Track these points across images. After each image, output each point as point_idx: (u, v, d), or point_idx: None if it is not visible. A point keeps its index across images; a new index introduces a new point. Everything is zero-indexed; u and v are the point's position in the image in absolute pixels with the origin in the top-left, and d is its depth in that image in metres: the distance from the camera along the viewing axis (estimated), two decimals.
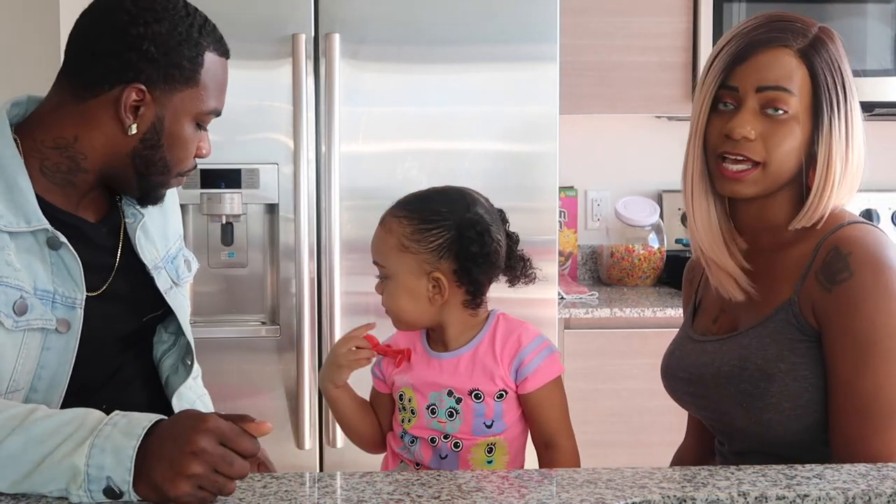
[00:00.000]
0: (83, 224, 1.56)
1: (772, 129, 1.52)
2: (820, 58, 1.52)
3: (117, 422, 1.26)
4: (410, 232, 1.56)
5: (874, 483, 1.31)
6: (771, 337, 1.53)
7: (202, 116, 1.57)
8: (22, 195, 1.47)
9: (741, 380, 1.54)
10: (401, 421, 1.61)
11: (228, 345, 1.95)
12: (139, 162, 1.54)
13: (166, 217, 1.73)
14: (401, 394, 1.61)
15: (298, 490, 1.32)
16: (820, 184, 1.52)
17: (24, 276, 1.47)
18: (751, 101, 1.52)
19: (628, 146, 3.60)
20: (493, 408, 1.57)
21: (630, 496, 1.26)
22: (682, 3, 3.19)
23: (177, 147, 1.55)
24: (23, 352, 1.48)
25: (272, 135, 2.67)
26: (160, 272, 1.66)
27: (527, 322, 1.63)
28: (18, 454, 1.25)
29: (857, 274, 1.46)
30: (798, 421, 1.52)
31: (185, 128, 1.55)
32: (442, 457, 1.57)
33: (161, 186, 1.60)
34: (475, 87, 2.72)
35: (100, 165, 1.54)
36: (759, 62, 1.53)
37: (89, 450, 1.22)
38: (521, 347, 1.58)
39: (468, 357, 1.58)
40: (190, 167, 1.60)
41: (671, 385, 1.70)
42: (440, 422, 1.57)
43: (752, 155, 1.52)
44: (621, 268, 3.46)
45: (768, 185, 1.54)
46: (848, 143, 1.53)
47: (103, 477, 1.21)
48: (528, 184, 2.75)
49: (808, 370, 1.51)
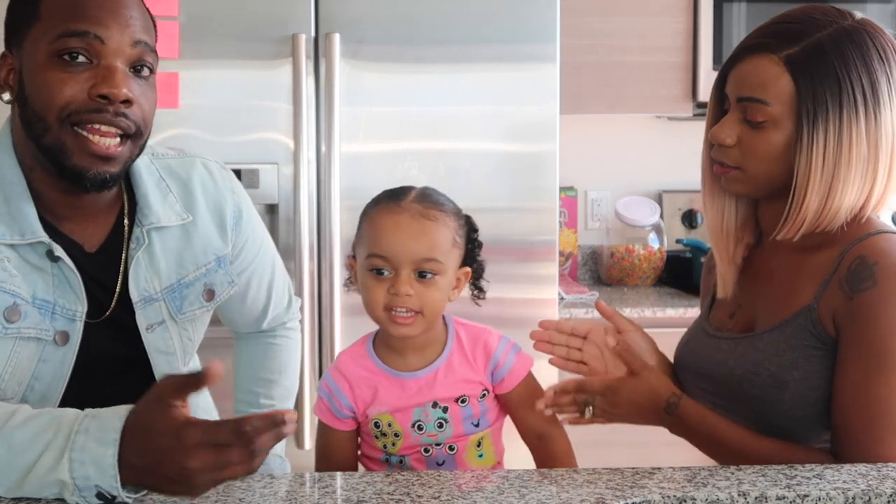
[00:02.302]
0: (78, 254, 1.50)
1: (749, 135, 1.52)
2: (809, 64, 1.47)
3: (87, 427, 1.23)
4: (457, 227, 1.55)
5: (874, 483, 1.31)
6: (787, 342, 1.52)
7: (57, 45, 1.39)
8: (18, 208, 1.45)
9: (753, 385, 1.54)
10: (381, 447, 1.57)
11: (229, 344, 1.95)
12: (27, 129, 1.43)
13: (190, 239, 1.60)
14: (375, 422, 1.56)
15: (298, 490, 1.32)
16: (798, 195, 1.50)
17: (20, 284, 1.44)
18: (734, 109, 1.54)
19: (628, 146, 3.60)
20: (479, 407, 1.57)
21: (630, 496, 1.26)
22: (682, 3, 3.19)
23: (37, 90, 1.40)
24: (13, 360, 1.45)
25: (272, 135, 2.67)
26: (151, 305, 1.55)
27: (480, 324, 1.63)
28: (4, 463, 1.25)
29: (881, 283, 1.45)
30: (807, 428, 1.52)
31: (41, 66, 1.40)
32: (439, 463, 1.57)
33: (58, 150, 1.41)
34: (475, 87, 2.72)
35: (27, 151, 1.45)
36: (743, 70, 1.53)
37: (69, 464, 1.21)
38: (492, 351, 1.58)
39: (444, 369, 1.57)
40: (72, 109, 1.39)
41: (684, 377, 1.71)
42: (430, 435, 1.55)
43: (726, 160, 1.55)
44: (621, 268, 3.46)
45: (756, 187, 1.55)
46: (843, 155, 1.47)
47: (92, 486, 1.21)
48: (528, 184, 2.74)
49: (822, 379, 1.50)
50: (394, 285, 1.50)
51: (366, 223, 1.56)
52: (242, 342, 1.91)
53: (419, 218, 1.51)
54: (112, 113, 1.40)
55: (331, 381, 1.58)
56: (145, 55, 1.44)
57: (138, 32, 1.43)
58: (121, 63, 1.41)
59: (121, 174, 1.46)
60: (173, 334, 1.60)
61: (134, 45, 1.43)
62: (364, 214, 1.58)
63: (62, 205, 1.49)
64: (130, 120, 1.42)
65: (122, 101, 1.40)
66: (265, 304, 1.83)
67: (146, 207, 1.55)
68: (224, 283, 1.66)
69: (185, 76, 2.62)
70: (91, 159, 1.41)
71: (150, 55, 1.46)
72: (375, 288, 1.52)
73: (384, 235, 1.51)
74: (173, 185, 1.60)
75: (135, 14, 1.44)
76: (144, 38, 1.44)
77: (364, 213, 1.58)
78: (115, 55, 1.41)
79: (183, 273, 1.60)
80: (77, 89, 1.39)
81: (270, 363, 1.88)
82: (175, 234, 1.59)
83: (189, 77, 2.62)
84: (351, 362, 1.59)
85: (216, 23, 2.64)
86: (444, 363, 1.57)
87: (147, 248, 1.55)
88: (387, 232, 1.51)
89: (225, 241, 1.66)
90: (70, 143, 1.40)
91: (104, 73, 1.40)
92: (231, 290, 1.68)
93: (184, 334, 1.62)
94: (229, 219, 1.66)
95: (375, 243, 1.52)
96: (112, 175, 1.44)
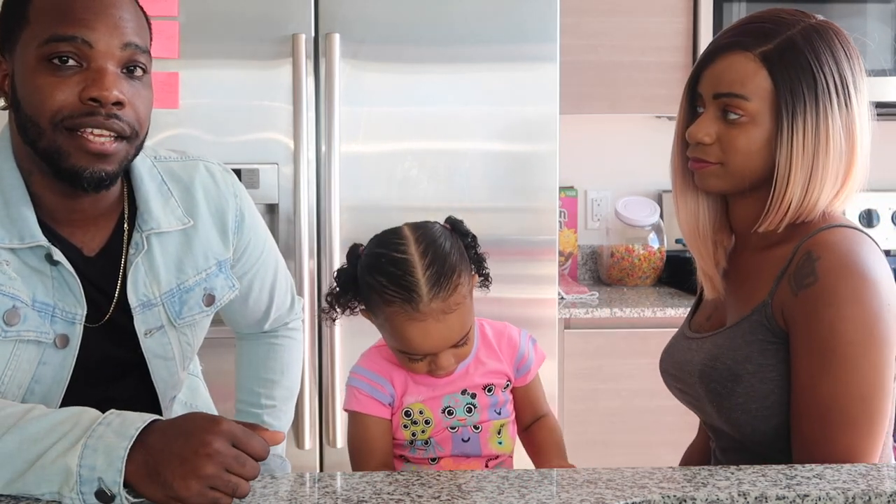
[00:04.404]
0: (77, 258, 1.49)
1: (728, 132, 1.54)
2: (784, 60, 1.51)
3: (111, 421, 1.24)
4: (467, 275, 1.51)
5: (874, 483, 1.31)
6: (743, 338, 1.54)
7: (46, 50, 1.38)
8: (18, 212, 1.45)
9: (711, 379, 1.56)
10: (410, 435, 1.58)
11: (229, 344, 1.95)
12: (22, 134, 1.43)
13: (191, 243, 1.60)
14: (406, 410, 1.57)
15: (298, 490, 1.32)
16: (780, 187, 1.52)
17: (20, 287, 1.44)
18: (710, 107, 1.56)
19: (628, 146, 3.60)
20: (503, 397, 1.61)
21: (630, 496, 1.26)
22: (682, 3, 3.19)
23: (29, 95, 1.40)
24: (13, 363, 1.45)
25: (272, 135, 2.67)
26: (149, 310, 1.55)
27: (499, 320, 1.66)
28: (13, 453, 1.24)
29: (821, 279, 1.45)
30: (765, 422, 1.52)
31: (32, 71, 1.39)
32: (464, 440, 1.58)
33: (55, 153, 1.40)
34: (475, 87, 2.72)
35: (25, 155, 1.45)
36: (718, 68, 1.55)
37: (82, 450, 1.21)
38: (517, 346, 1.63)
39: (473, 364, 1.59)
40: (65, 114, 1.39)
41: (665, 380, 1.74)
42: (460, 419, 1.58)
43: (707, 157, 1.56)
44: (621, 268, 3.46)
45: (735, 183, 1.56)
46: (820, 146, 1.51)
47: (95, 478, 1.20)
48: (528, 184, 2.75)
49: (776, 372, 1.51)
50: (435, 363, 1.52)
51: (387, 322, 1.50)
52: (244, 342, 1.91)
53: (442, 316, 1.47)
54: (104, 115, 1.40)
55: (366, 372, 1.58)
56: (136, 56, 1.43)
57: (128, 34, 1.42)
58: (111, 65, 1.41)
59: (117, 173, 1.46)
60: (172, 339, 1.60)
61: (124, 46, 1.42)
62: (378, 306, 1.50)
63: (61, 208, 1.48)
64: (124, 122, 1.41)
65: (114, 103, 1.40)
66: (267, 305, 1.83)
67: (146, 212, 1.55)
68: (225, 288, 1.66)
69: (185, 76, 2.62)
70: (87, 158, 1.41)
71: (142, 55, 1.44)
72: (415, 365, 1.53)
73: (414, 342, 1.49)
74: (175, 189, 1.60)
75: (125, 15, 1.43)
76: (135, 39, 1.43)
77: (377, 303, 1.50)
78: (104, 58, 1.40)
79: (183, 278, 1.59)
80: (68, 93, 1.39)
81: (272, 363, 1.88)
82: (175, 238, 1.58)
83: (189, 77, 2.62)
84: (380, 357, 1.60)
85: (216, 23, 2.64)
86: (472, 359, 1.59)
87: (146, 254, 1.55)
88: (417, 340, 1.49)
89: (226, 245, 1.66)
90: (65, 145, 1.40)
91: (94, 77, 1.39)
92: (232, 295, 1.68)
93: (183, 339, 1.62)
94: (231, 223, 1.66)
95: (407, 346, 1.50)
96: (108, 173, 1.43)
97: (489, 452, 1.59)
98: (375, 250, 1.52)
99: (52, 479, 1.22)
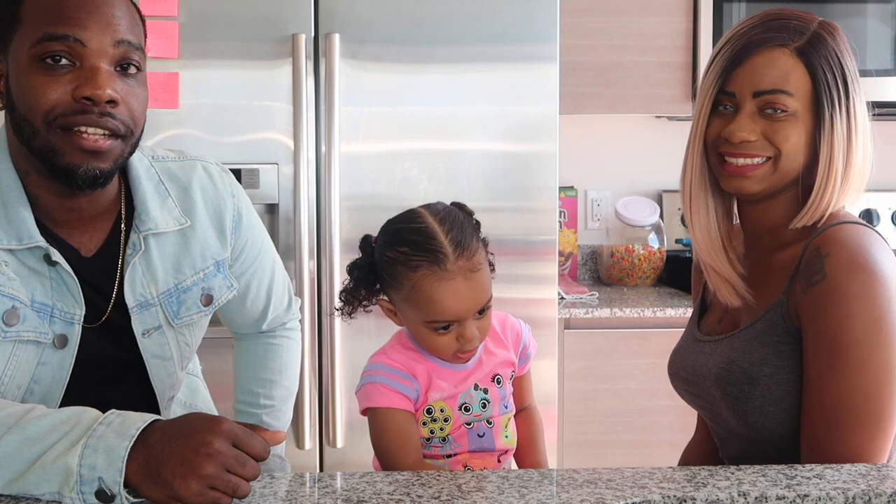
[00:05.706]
0: (74, 259, 1.50)
1: (774, 126, 1.52)
2: (818, 55, 1.51)
3: (112, 421, 1.24)
4: (484, 246, 1.56)
5: (874, 483, 1.31)
6: (759, 339, 1.52)
7: (39, 49, 1.38)
8: (16, 213, 1.45)
9: (728, 382, 1.55)
10: (428, 432, 1.57)
11: (228, 343, 1.95)
12: (18, 134, 1.43)
13: (188, 244, 1.60)
14: (428, 408, 1.57)
15: (298, 490, 1.32)
16: (822, 182, 1.51)
17: (19, 287, 1.44)
18: (748, 105, 1.53)
19: (628, 146, 3.60)
20: (508, 388, 1.63)
21: (630, 496, 1.26)
22: (682, 3, 3.19)
23: (23, 95, 1.40)
24: (12, 363, 1.45)
25: (272, 135, 2.67)
26: (147, 310, 1.55)
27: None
28: (14, 452, 1.24)
29: (830, 276, 1.44)
30: (783, 425, 1.51)
31: (25, 70, 1.39)
32: (479, 435, 1.59)
33: (50, 152, 1.40)
34: (475, 87, 2.72)
35: (22, 155, 1.46)
36: (755, 65, 1.52)
37: (82, 450, 1.21)
38: (520, 334, 1.67)
39: (485, 354, 1.61)
40: (58, 112, 1.39)
41: (675, 384, 1.72)
42: (475, 415, 1.58)
43: (758, 152, 1.52)
44: (621, 268, 3.46)
45: (776, 182, 1.54)
46: (851, 141, 1.52)
47: (95, 478, 1.20)
48: (528, 184, 2.75)
49: (793, 374, 1.50)
50: (462, 335, 1.52)
51: (415, 290, 1.51)
52: (242, 342, 1.91)
53: (470, 275, 1.50)
54: (98, 114, 1.39)
55: (388, 368, 1.56)
56: (130, 54, 1.43)
57: (121, 31, 1.42)
58: (104, 63, 1.40)
59: (112, 171, 1.45)
60: (170, 339, 1.60)
61: (117, 44, 1.41)
62: (404, 276, 1.51)
63: (58, 209, 1.48)
64: (117, 120, 1.41)
65: (108, 101, 1.39)
66: (265, 305, 1.83)
67: (144, 213, 1.55)
68: (222, 288, 1.66)
69: (185, 76, 2.62)
70: (81, 155, 1.40)
71: (136, 53, 1.44)
72: (442, 339, 1.54)
73: (444, 304, 1.50)
74: (173, 190, 1.60)
75: (117, 12, 1.42)
76: (128, 36, 1.42)
77: (402, 274, 1.51)
78: (97, 56, 1.40)
79: (181, 278, 1.59)
80: (61, 92, 1.39)
81: (271, 363, 1.88)
82: (173, 239, 1.58)
83: (189, 77, 2.62)
84: (400, 354, 1.59)
85: (216, 23, 2.64)
86: (483, 349, 1.61)
87: (144, 254, 1.55)
88: (447, 301, 1.50)
89: (224, 245, 1.66)
90: (59, 144, 1.40)
91: (87, 75, 1.39)
92: (230, 295, 1.68)
93: (181, 339, 1.62)
94: (229, 223, 1.66)
95: (437, 311, 1.51)
96: (102, 171, 1.43)
97: (501, 447, 1.60)
98: (393, 227, 1.55)
99: (52, 479, 1.22)
